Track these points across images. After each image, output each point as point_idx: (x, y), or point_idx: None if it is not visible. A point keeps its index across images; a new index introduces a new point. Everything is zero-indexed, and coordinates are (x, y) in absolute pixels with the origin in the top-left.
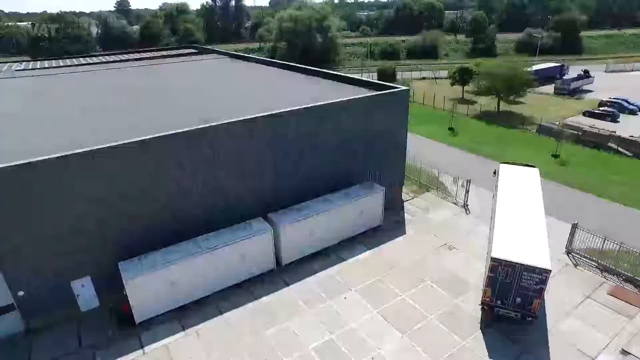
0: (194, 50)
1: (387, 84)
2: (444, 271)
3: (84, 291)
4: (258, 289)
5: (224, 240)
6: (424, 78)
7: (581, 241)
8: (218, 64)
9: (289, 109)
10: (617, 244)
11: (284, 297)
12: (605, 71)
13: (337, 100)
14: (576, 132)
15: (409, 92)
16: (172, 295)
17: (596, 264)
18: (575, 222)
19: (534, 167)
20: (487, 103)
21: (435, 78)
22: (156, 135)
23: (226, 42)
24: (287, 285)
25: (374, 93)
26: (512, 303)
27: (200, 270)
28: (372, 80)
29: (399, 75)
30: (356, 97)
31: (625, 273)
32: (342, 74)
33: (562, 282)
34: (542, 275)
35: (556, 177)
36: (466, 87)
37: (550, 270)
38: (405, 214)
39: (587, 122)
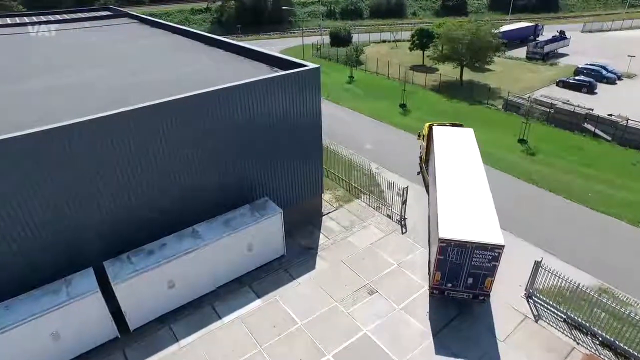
0: (107, 13)
1: (297, 60)
2: (355, 335)
3: None
4: None
5: (21, 315)
6: (384, 41)
7: (546, 278)
8: (108, 33)
9: (137, 107)
10: (592, 292)
11: None
12: (582, 31)
13: (213, 88)
14: (547, 110)
15: (319, 70)
16: None
17: (564, 317)
18: (540, 258)
19: (462, 125)
20: (448, 71)
21: (396, 41)
22: None
23: (172, 1)
24: None
25: (270, 75)
26: (464, 284)
27: None
28: (280, 56)
29: (355, 38)
30: (243, 82)
31: (601, 333)
32: (246, 46)
33: (519, 350)
34: (495, 252)
35: (523, 172)
36: (427, 52)
37: (504, 246)
38: (321, 234)
39: (560, 95)
